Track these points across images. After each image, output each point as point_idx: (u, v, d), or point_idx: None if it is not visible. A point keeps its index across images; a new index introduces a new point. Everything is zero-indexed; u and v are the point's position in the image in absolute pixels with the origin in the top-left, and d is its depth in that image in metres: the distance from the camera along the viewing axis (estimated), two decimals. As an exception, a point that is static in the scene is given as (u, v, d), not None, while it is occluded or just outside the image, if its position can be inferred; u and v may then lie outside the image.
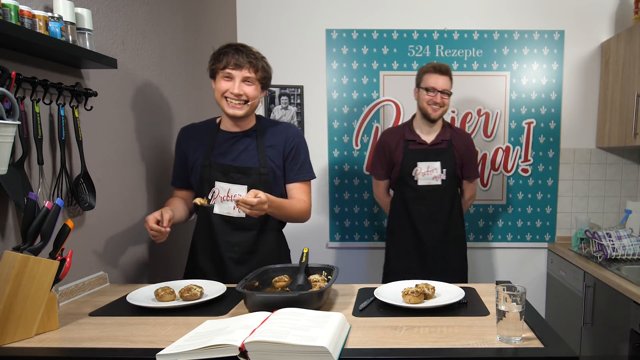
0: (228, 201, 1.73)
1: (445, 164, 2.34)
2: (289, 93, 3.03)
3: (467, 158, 2.42)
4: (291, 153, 1.79)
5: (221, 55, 1.66)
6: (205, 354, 1.01)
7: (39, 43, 1.26)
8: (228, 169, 1.73)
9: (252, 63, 1.66)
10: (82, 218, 1.62)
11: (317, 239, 3.11)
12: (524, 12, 2.95)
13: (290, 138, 1.79)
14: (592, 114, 3.01)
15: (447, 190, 2.37)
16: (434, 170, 2.33)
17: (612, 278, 2.20)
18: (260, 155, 1.74)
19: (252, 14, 3.00)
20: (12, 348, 1.13)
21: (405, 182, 2.37)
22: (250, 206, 1.53)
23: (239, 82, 1.66)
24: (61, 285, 1.44)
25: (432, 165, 2.33)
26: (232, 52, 1.65)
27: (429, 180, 2.34)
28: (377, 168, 2.49)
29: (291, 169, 1.79)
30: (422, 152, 2.35)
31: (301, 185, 1.82)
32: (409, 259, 2.39)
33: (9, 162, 1.17)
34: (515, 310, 1.10)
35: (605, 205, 3.07)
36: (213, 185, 1.74)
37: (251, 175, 1.73)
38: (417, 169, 2.34)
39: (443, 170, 2.33)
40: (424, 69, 2.33)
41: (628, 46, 2.64)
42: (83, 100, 1.57)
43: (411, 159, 2.35)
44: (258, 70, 1.69)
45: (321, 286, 1.44)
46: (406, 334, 1.17)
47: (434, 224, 2.37)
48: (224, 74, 1.66)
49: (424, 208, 2.36)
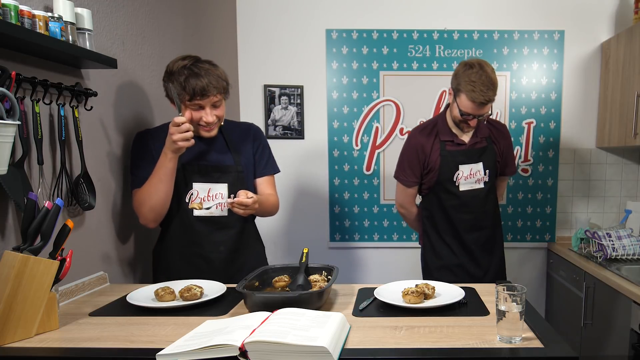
0: (209, 200, 1.73)
1: (488, 164, 2.12)
2: (289, 93, 3.03)
3: (507, 153, 2.23)
4: (259, 149, 1.86)
5: (183, 86, 1.59)
6: (205, 354, 1.01)
7: (39, 43, 1.26)
8: (207, 168, 1.74)
9: (217, 88, 1.62)
10: (82, 218, 1.62)
11: (317, 239, 3.11)
12: (524, 12, 2.95)
13: (255, 135, 1.86)
14: (592, 114, 3.01)
15: (489, 192, 2.17)
16: (477, 173, 2.11)
17: (612, 278, 2.20)
18: (233, 154, 1.79)
19: (252, 14, 3.00)
20: (12, 348, 1.13)
21: (445, 189, 2.12)
22: (244, 207, 1.59)
23: (209, 109, 1.65)
24: (61, 285, 1.44)
25: (475, 167, 2.10)
26: (193, 79, 1.58)
27: (472, 185, 2.12)
28: (407, 174, 2.18)
29: (259, 164, 1.86)
30: (462, 153, 2.10)
31: (269, 179, 1.90)
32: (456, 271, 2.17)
33: (9, 162, 1.17)
34: (515, 310, 1.10)
35: (605, 205, 3.07)
36: (190, 187, 1.72)
37: (230, 173, 1.76)
38: (458, 172, 2.09)
39: (486, 172, 2.12)
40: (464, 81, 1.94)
41: (628, 46, 2.64)
42: (83, 100, 1.57)
43: (451, 162, 2.09)
44: (222, 90, 1.66)
45: (321, 286, 1.44)
46: (406, 334, 1.17)
47: (481, 232, 2.16)
48: (192, 105, 1.62)
49: (468, 215, 2.13)
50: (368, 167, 3.05)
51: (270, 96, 3.03)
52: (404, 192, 2.24)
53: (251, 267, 1.73)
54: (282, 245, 3.15)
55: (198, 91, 1.59)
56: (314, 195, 3.07)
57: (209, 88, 1.60)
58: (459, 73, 1.98)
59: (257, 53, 3.03)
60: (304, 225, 3.12)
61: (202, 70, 1.61)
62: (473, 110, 1.97)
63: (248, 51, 3.03)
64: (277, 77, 3.04)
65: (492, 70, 1.96)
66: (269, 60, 3.03)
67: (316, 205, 3.09)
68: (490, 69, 1.95)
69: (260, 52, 3.03)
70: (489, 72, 1.93)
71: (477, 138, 2.12)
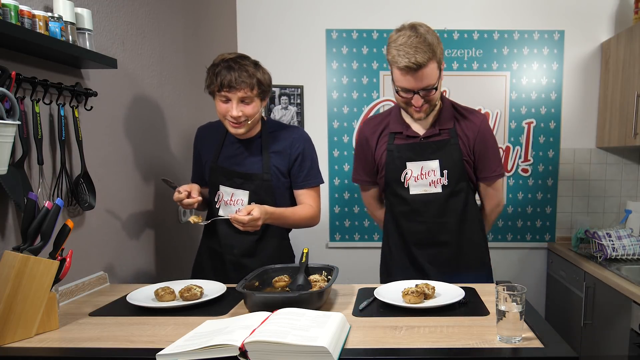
0: (231, 205, 1.76)
1: (447, 162, 1.69)
2: (289, 93, 3.03)
3: (481, 151, 1.72)
4: (297, 159, 1.76)
5: (215, 76, 1.61)
6: (205, 354, 1.01)
7: (39, 43, 1.26)
8: (232, 174, 1.75)
9: (246, 83, 1.60)
10: (82, 218, 1.62)
11: (317, 239, 3.11)
12: (524, 12, 2.95)
13: (296, 144, 1.76)
14: (592, 114, 3.01)
15: (452, 199, 1.72)
16: (430, 173, 1.70)
17: (612, 278, 2.20)
18: (264, 161, 1.74)
19: (252, 14, 3.00)
20: (12, 348, 1.13)
21: (393, 191, 1.76)
22: (242, 224, 1.55)
23: (236, 103, 1.62)
24: (61, 285, 1.44)
25: (428, 165, 1.69)
26: (225, 71, 1.59)
27: (425, 188, 1.71)
28: (357, 172, 1.89)
29: (298, 175, 1.77)
30: (410, 147, 1.70)
31: (308, 192, 1.80)
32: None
33: (9, 162, 1.17)
34: (515, 310, 1.10)
35: (605, 205, 3.07)
36: (218, 189, 1.78)
37: (254, 181, 1.73)
38: (407, 172, 1.71)
39: (444, 172, 1.69)
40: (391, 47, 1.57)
41: (628, 46, 2.64)
42: (83, 100, 1.57)
43: (397, 159, 1.71)
44: (254, 87, 1.62)
45: (321, 286, 1.44)
46: (406, 334, 1.17)
47: (437, 248, 1.75)
48: (221, 96, 1.63)
49: (420, 226, 1.74)
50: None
51: (270, 96, 3.02)
52: (364, 195, 1.97)
53: None
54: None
55: (226, 83, 1.59)
56: (314, 195, 3.07)
57: (237, 81, 1.59)
58: (389, 41, 1.60)
59: (257, 53, 3.02)
60: (304, 225, 3.11)
61: (237, 64, 1.61)
62: (407, 83, 1.56)
63: (248, 51, 3.00)
64: (277, 77, 3.01)
65: (428, 30, 1.57)
66: (269, 60, 2.99)
67: (316, 205, 3.08)
68: (425, 29, 1.57)
69: (260, 52, 3.03)
70: (421, 32, 1.54)
71: (435, 129, 1.70)
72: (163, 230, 2.11)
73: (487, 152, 1.74)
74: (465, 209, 1.75)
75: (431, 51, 1.54)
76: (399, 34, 1.56)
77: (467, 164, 1.72)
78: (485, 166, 1.75)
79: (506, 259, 3.11)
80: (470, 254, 1.79)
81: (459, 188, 1.72)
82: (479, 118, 1.75)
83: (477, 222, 1.80)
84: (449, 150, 1.69)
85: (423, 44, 1.53)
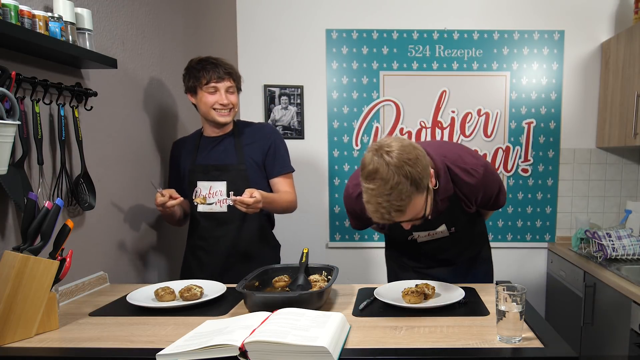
0: (210, 197, 1.86)
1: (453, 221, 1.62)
2: (289, 93, 3.03)
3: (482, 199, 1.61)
4: (271, 149, 1.90)
5: (200, 72, 1.78)
6: (205, 354, 1.01)
7: (39, 43, 1.26)
8: (208, 168, 1.87)
9: (230, 74, 1.82)
10: (82, 218, 1.62)
11: (317, 239, 3.11)
12: (524, 12, 2.95)
13: (268, 136, 1.91)
14: (592, 114, 3.01)
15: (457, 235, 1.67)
16: (438, 233, 1.65)
17: (612, 278, 2.20)
18: (238, 153, 1.87)
19: (252, 14, 3.00)
20: (12, 348, 1.13)
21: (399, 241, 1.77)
22: (246, 205, 1.65)
23: (224, 92, 1.81)
24: (61, 285, 1.44)
25: (435, 230, 1.64)
26: (209, 66, 1.78)
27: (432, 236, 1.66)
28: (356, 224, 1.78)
29: (274, 165, 1.91)
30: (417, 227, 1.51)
31: (284, 179, 1.94)
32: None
33: (9, 162, 1.17)
34: (515, 310, 1.10)
35: (605, 205, 3.07)
36: (195, 186, 1.88)
37: (230, 171, 1.85)
38: (412, 236, 1.67)
39: (452, 228, 1.63)
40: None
41: (628, 46, 2.64)
42: (83, 100, 1.57)
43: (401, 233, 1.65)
44: (235, 79, 1.84)
45: (321, 286, 1.45)
46: (406, 334, 1.17)
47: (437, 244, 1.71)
48: (208, 88, 1.79)
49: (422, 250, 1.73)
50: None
51: (270, 96, 3.03)
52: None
53: (252, 266, 1.71)
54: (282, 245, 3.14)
55: (214, 76, 1.78)
56: (314, 195, 3.07)
57: (223, 73, 1.79)
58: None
59: (257, 53, 3.03)
60: (304, 225, 3.11)
61: (216, 60, 1.81)
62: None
63: (248, 51, 3.03)
64: (277, 77, 3.04)
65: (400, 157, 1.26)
66: (269, 60, 3.03)
67: (316, 205, 3.08)
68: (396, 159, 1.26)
69: (260, 52, 3.03)
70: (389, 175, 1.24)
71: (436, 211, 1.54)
72: (163, 230, 2.11)
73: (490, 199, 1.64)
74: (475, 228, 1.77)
75: (414, 195, 1.27)
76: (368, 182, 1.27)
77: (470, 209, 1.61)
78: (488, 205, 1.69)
79: (506, 259, 3.11)
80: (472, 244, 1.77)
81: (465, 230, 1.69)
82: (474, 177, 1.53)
83: (485, 235, 1.88)
84: (453, 213, 1.60)
85: (397, 193, 1.24)
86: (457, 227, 1.64)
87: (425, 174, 1.29)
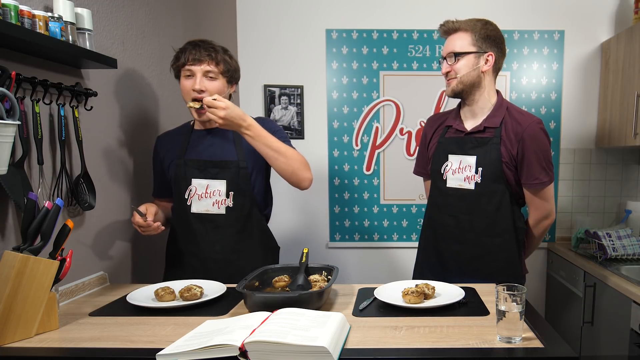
0: (207, 198, 1.69)
1: (484, 160, 1.65)
2: (289, 93, 3.03)
3: (522, 154, 1.64)
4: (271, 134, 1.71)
5: (179, 53, 1.62)
6: (205, 354, 1.01)
7: (39, 43, 1.26)
8: (205, 164, 1.69)
9: (211, 56, 1.59)
10: (82, 218, 1.62)
11: (317, 239, 3.11)
12: (523, 12, 2.95)
13: (267, 124, 1.71)
14: (592, 114, 3.00)
15: (484, 198, 1.67)
16: (466, 168, 1.68)
17: (612, 278, 2.20)
18: (237, 149, 1.70)
19: (252, 14, 3.00)
20: (12, 348, 1.13)
21: (435, 183, 1.80)
22: (214, 108, 1.49)
23: (200, 77, 1.59)
24: (61, 285, 1.44)
25: (466, 160, 1.68)
26: (190, 47, 1.61)
27: (460, 182, 1.70)
28: (418, 163, 1.95)
29: None
30: (455, 141, 1.72)
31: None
32: None
33: (9, 162, 1.17)
34: (515, 310, 1.10)
35: (605, 205, 3.07)
36: (190, 184, 1.70)
37: (230, 168, 1.68)
38: (447, 163, 1.73)
39: (479, 170, 1.66)
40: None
41: (628, 46, 2.64)
42: (83, 100, 1.57)
43: (442, 151, 1.75)
44: (219, 62, 1.61)
45: (321, 286, 1.44)
46: (406, 334, 1.17)
47: (461, 246, 1.73)
48: (185, 72, 1.61)
49: (450, 220, 1.74)
50: (368, 167, 3.05)
51: (270, 96, 3.03)
52: (424, 184, 2.00)
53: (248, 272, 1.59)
54: (282, 245, 3.14)
55: (190, 57, 1.59)
56: (314, 195, 3.07)
57: (201, 54, 1.59)
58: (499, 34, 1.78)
59: (257, 53, 3.03)
60: (304, 225, 3.11)
61: (203, 42, 1.62)
62: (444, 46, 1.80)
63: (248, 51, 3.03)
64: (277, 77, 3.04)
65: (496, 28, 1.82)
66: (269, 60, 3.03)
67: (316, 205, 3.08)
68: (494, 26, 1.83)
69: (260, 52, 3.03)
70: (489, 21, 1.84)
71: (480, 126, 1.69)
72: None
73: (530, 156, 1.64)
74: (498, 212, 1.68)
75: (472, 26, 1.74)
76: None
77: (507, 166, 1.65)
78: (527, 172, 1.66)
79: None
80: (496, 263, 1.70)
81: (492, 189, 1.67)
82: (527, 121, 1.65)
83: (511, 231, 1.70)
84: (487, 149, 1.66)
85: (476, 20, 1.77)
86: (483, 179, 1.67)
87: (493, 41, 1.76)
